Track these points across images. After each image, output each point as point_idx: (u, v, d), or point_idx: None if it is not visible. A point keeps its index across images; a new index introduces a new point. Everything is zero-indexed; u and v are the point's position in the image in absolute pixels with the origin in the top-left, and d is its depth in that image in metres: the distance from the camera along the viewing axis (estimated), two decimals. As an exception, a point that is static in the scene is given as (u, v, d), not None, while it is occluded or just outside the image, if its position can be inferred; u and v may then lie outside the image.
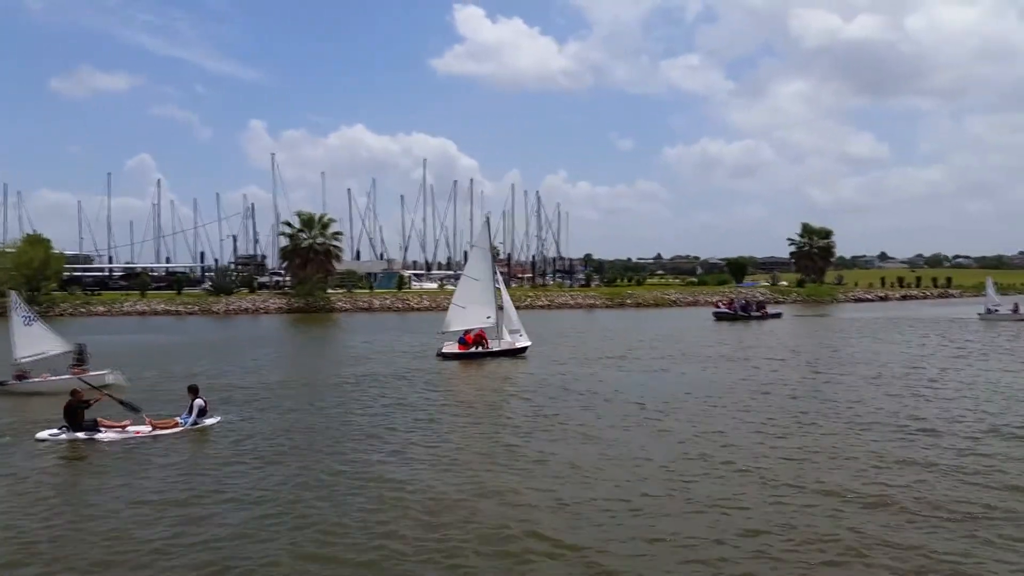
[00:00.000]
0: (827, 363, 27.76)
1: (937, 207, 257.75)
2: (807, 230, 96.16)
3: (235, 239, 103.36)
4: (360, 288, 78.86)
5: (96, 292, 72.52)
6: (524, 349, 30.14)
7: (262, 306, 66.82)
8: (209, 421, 16.97)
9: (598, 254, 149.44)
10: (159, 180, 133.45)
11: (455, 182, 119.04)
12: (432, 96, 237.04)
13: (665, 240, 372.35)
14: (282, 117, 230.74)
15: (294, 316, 61.47)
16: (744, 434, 15.67)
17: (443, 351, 30.18)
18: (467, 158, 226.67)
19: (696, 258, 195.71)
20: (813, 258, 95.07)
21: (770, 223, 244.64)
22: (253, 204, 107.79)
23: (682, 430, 16.03)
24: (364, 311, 66.34)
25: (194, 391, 17.21)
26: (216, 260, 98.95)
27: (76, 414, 15.78)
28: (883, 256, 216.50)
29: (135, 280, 76.73)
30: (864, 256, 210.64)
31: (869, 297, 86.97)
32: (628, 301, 75.64)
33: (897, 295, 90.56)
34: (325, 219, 74.57)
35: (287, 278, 77.60)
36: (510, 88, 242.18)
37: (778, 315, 56.20)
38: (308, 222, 72.96)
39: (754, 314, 54.42)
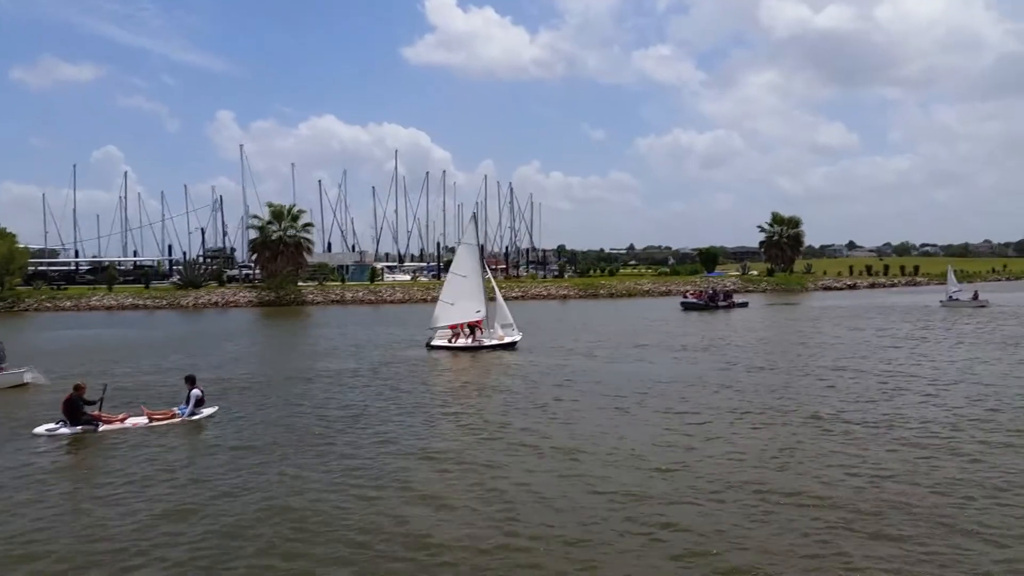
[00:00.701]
0: (788, 354, 27.74)
1: (905, 196, 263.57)
2: (777, 219, 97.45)
3: (203, 232, 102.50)
4: (332, 281, 78.30)
5: (62, 286, 71.16)
6: (514, 344, 30.11)
7: (232, 300, 66.06)
8: (207, 411, 16.88)
9: (571, 245, 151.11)
10: (126, 172, 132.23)
11: (427, 173, 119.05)
12: (404, 86, 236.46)
13: (638, 230, 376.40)
14: (251, 108, 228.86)
15: (265, 310, 60.78)
16: (706, 426, 15.69)
17: (432, 343, 30.35)
18: (440, 149, 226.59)
19: (668, 248, 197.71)
20: (783, 247, 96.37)
21: (740, 212, 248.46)
22: (222, 196, 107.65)
23: (636, 429, 15.52)
24: (336, 304, 65.91)
25: (191, 381, 17.04)
26: (184, 253, 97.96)
27: (75, 409, 15.55)
28: (852, 245, 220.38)
29: (102, 274, 75.49)
30: (833, 245, 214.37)
31: (838, 285, 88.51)
32: (601, 292, 76.07)
33: (865, 283, 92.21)
34: (295, 211, 73.72)
35: (257, 271, 76.81)
36: (482, 78, 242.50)
37: (744, 304, 57.19)
38: (278, 214, 72.04)
39: (721, 304, 55.25)
